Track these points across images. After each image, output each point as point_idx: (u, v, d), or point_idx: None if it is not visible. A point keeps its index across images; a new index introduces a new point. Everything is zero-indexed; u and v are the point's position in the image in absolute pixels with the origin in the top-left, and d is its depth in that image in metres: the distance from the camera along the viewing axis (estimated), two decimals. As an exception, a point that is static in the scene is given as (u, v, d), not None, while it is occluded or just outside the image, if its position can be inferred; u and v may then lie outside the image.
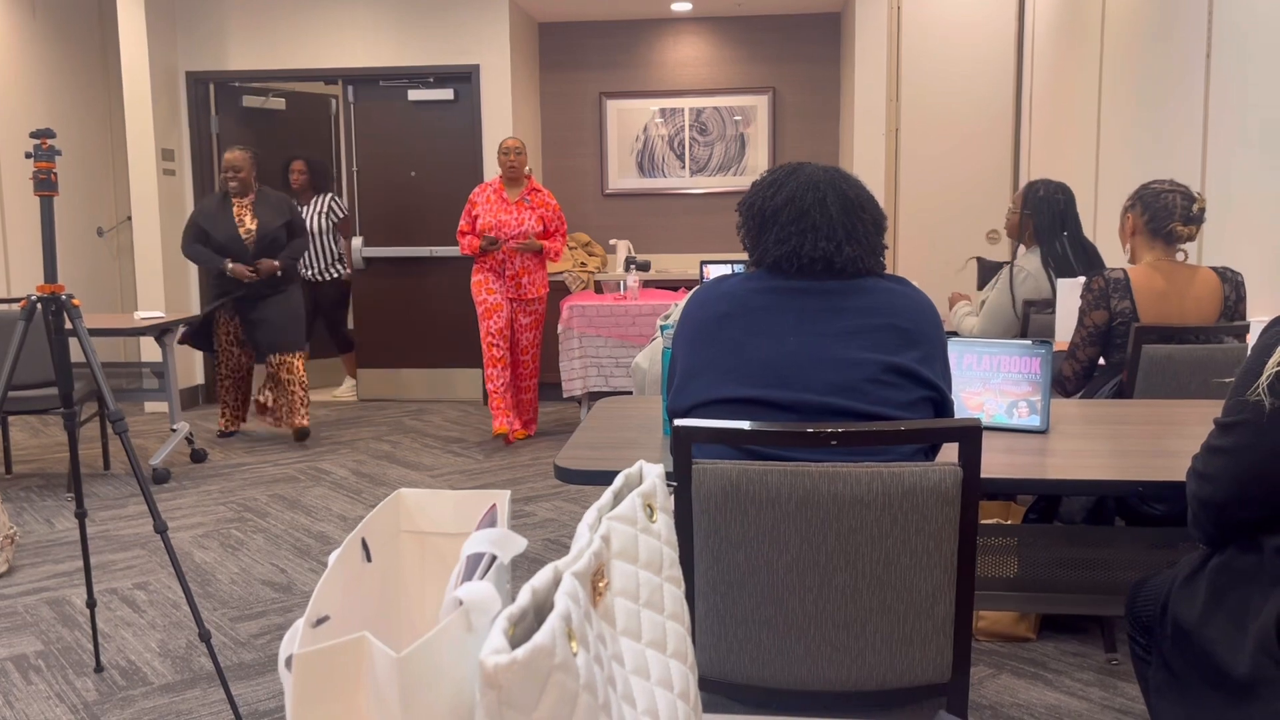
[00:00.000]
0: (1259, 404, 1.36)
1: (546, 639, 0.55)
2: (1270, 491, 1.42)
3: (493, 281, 5.34)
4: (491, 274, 5.34)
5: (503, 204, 5.27)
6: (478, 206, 5.30)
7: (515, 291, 5.34)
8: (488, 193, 5.32)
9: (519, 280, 5.33)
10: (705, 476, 1.45)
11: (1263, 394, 1.35)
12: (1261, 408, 1.36)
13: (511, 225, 5.23)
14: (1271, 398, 1.35)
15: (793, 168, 1.66)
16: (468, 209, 5.33)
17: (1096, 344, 2.80)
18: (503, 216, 5.24)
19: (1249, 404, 1.39)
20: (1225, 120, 3.43)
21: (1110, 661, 2.71)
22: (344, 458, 5.16)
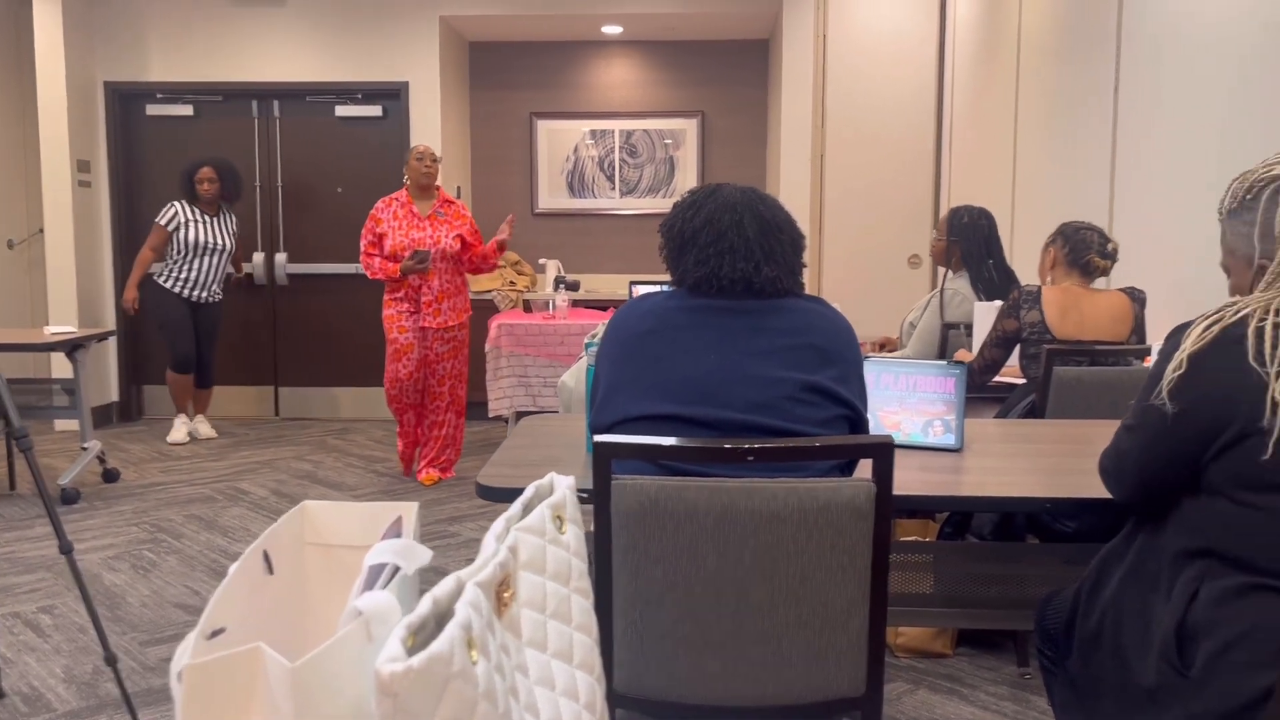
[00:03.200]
0: (1161, 408, 1.42)
1: (444, 647, 0.55)
2: (1172, 492, 1.48)
3: (406, 316, 4.73)
4: (406, 304, 4.73)
5: (414, 220, 4.69)
6: (383, 224, 4.69)
7: (434, 319, 4.73)
8: (394, 208, 4.72)
9: (439, 305, 4.73)
10: (624, 492, 1.46)
11: (1164, 398, 1.41)
12: (1163, 411, 1.41)
13: (428, 244, 4.66)
14: (1171, 402, 1.40)
15: (711, 189, 1.69)
16: (370, 225, 4.71)
17: (1001, 348, 2.99)
18: (415, 234, 4.65)
19: (1151, 408, 1.44)
20: (1131, 152, 3.56)
21: (1023, 675, 2.77)
22: (264, 477, 5.05)
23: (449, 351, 4.83)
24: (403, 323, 4.74)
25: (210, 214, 5.77)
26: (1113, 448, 1.57)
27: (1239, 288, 1.52)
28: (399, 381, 4.79)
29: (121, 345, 6.50)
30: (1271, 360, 1.32)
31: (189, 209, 5.71)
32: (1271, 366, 1.31)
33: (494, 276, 6.59)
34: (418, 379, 4.84)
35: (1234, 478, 1.36)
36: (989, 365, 3.07)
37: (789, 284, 1.67)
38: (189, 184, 5.71)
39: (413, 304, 4.76)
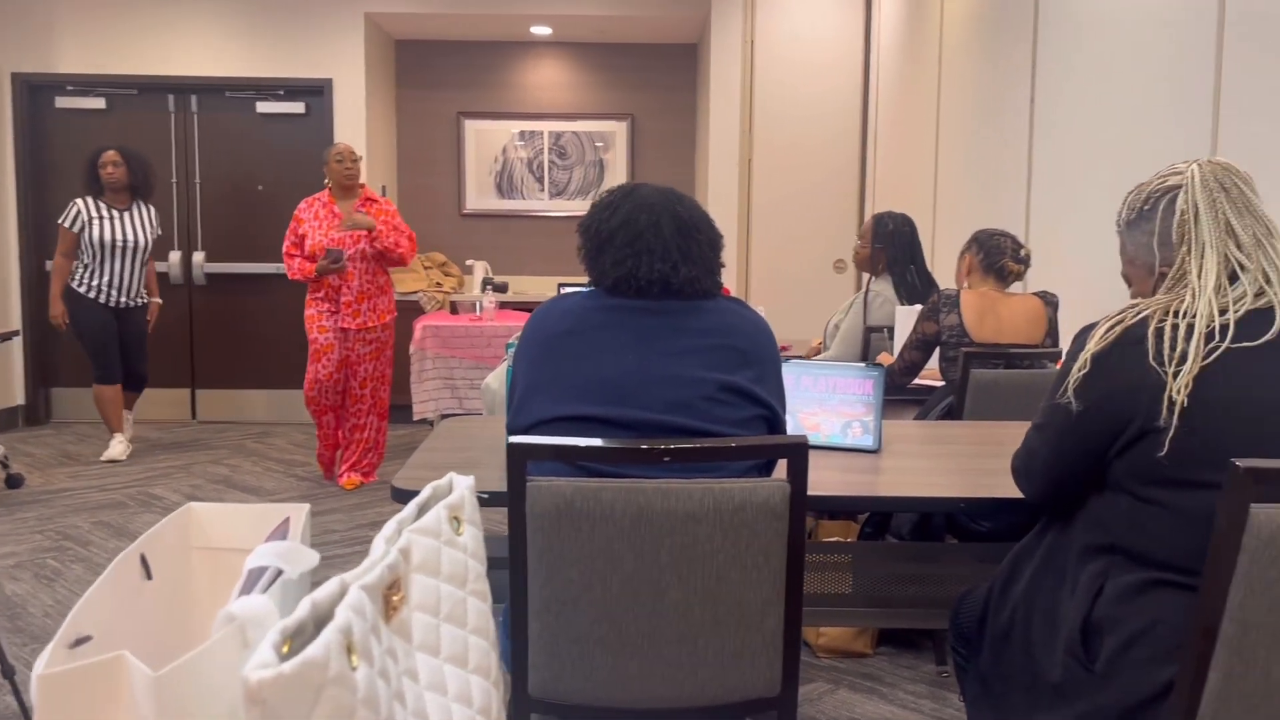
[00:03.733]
0: (1067, 406, 1.45)
1: (319, 652, 0.53)
2: (1079, 488, 1.51)
3: (326, 316, 4.64)
4: (327, 304, 4.65)
5: (334, 219, 4.59)
6: (305, 224, 4.61)
7: (353, 319, 4.63)
8: (316, 207, 4.64)
9: (358, 306, 4.63)
10: (539, 494, 1.44)
11: (1069, 396, 1.44)
12: (1069, 410, 1.44)
13: (347, 244, 4.57)
14: (1076, 401, 1.43)
15: (628, 189, 1.68)
16: (293, 226, 4.64)
17: (920, 350, 3.05)
18: (335, 234, 4.56)
19: (1057, 407, 1.47)
20: (1046, 159, 3.65)
21: (940, 673, 2.81)
22: (178, 482, 4.91)
23: (370, 353, 4.74)
24: (322, 323, 4.67)
25: (120, 207, 5.22)
26: (1023, 447, 1.60)
27: (1141, 295, 1.56)
28: (318, 383, 4.71)
29: (28, 346, 6.27)
30: (1170, 360, 1.35)
31: (93, 205, 5.15)
32: (1169, 366, 1.35)
33: (420, 277, 6.50)
34: (338, 380, 4.74)
35: (1136, 474, 1.39)
36: (909, 367, 3.11)
37: (707, 284, 1.67)
38: (92, 174, 5.18)
39: (332, 304, 4.67)
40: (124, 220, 5.23)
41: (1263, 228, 1.43)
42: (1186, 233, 1.44)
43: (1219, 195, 1.43)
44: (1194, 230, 1.43)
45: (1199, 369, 1.34)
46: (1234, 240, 1.42)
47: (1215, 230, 1.42)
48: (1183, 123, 2.70)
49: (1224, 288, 1.40)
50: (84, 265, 5.19)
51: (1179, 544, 1.36)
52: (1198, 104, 2.62)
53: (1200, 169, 1.45)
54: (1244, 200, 1.43)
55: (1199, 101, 2.61)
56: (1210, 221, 1.42)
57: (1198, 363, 1.34)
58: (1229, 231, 1.42)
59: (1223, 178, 1.44)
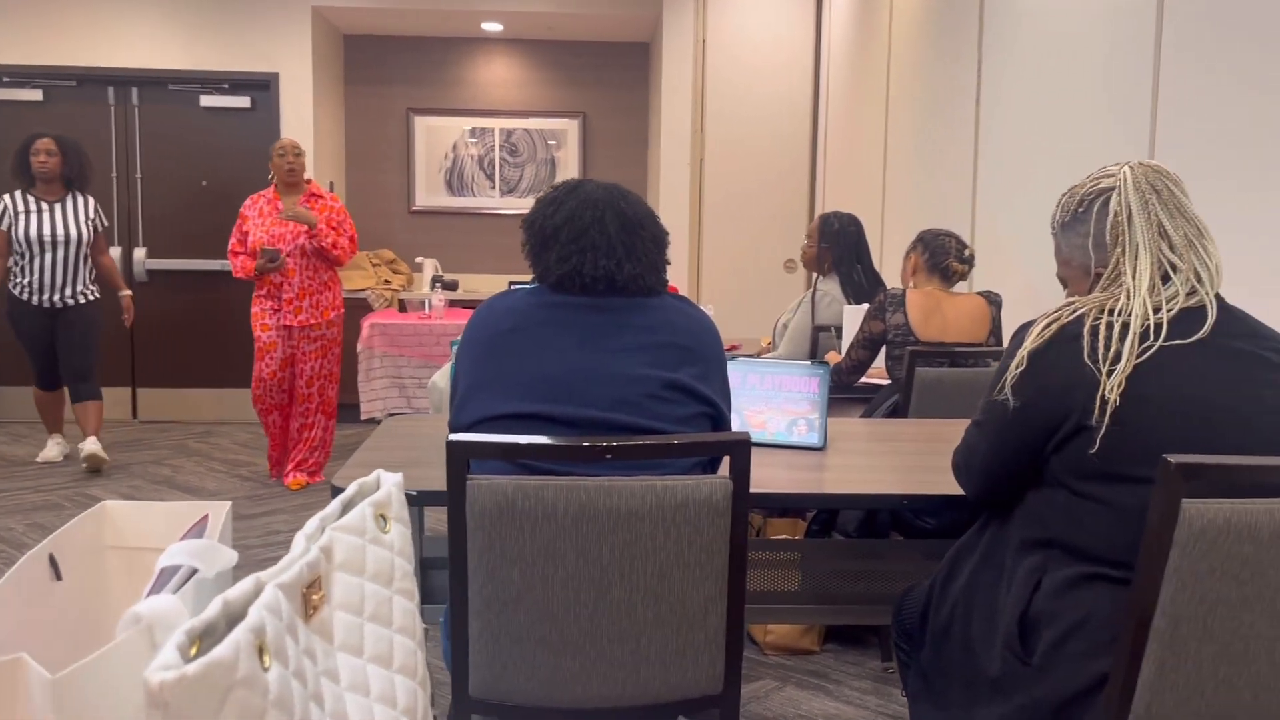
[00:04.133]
0: (1005, 403, 1.46)
1: (228, 653, 0.51)
2: (1017, 484, 1.53)
3: (269, 314, 4.59)
4: (269, 301, 4.59)
5: (276, 215, 4.54)
6: (249, 221, 4.58)
7: (295, 317, 4.57)
8: (260, 204, 4.60)
9: (300, 303, 4.56)
10: (480, 492, 1.42)
11: (1007, 393, 1.46)
12: (1006, 406, 1.46)
13: (288, 239, 4.50)
14: (1013, 397, 1.45)
15: (572, 185, 1.67)
16: (238, 224, 4.62)
17: (867, 349, 3.08)
18: (276, 230, 4.51)
19: (996, 403, 1.49)
20: (991, 160, 3.70)
21: (885, 669, 2.84)
22: (118, 483, 4.80)
23: (316, 351, 4.67)
24: (265, 320, 4.61)
25: (51, 199, 4.88)
26: (963, 444, 1.62)
27: (1077, 295, 1.58)
28: (262, 381, 4.65)
29: (-38, 344, 6.10)
30: (1104, 358, 1.37)
31: (21, 199, 4.84)
32: (1104, 364, 1.37)
33: (368, 275, 6.43)
34: (283, 379, 4.68)
35: (1072, 469, 1.41)
36: (856, 366, 3.14)
37: (652, 281, 1.67)
38: (23, 164, 4.85)
39: (275, 301, 4.61)
40: (54, 214, 4.90)
41: (1193, 228, 1.46)
42: (1120, 234, 1.46)
43: (1151, 197, 1.46)
44: (1127, 232, 1.46)
45: (1133, 367, 1.36)
46: (1166, 241, 1.44)
47: (1148, 231, 1.45)
48: (1122, 124, 2.75)
49: (1157, 287, 1.42)
50: (15, 264, 4.90)
51: (1114, 538, 1.38)
52: (1136, 106, 2.67)
53: (1132, 171, 1.48)
54: (1175, 202, 1.46)
55: (1138, 103, 2.66)
56: (1143, 223, 1.45)
57: (1131, 361, 1.36)
58: (1161, 233, 1.45)
59: (1154, 180, 1.47)
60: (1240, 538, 1.26)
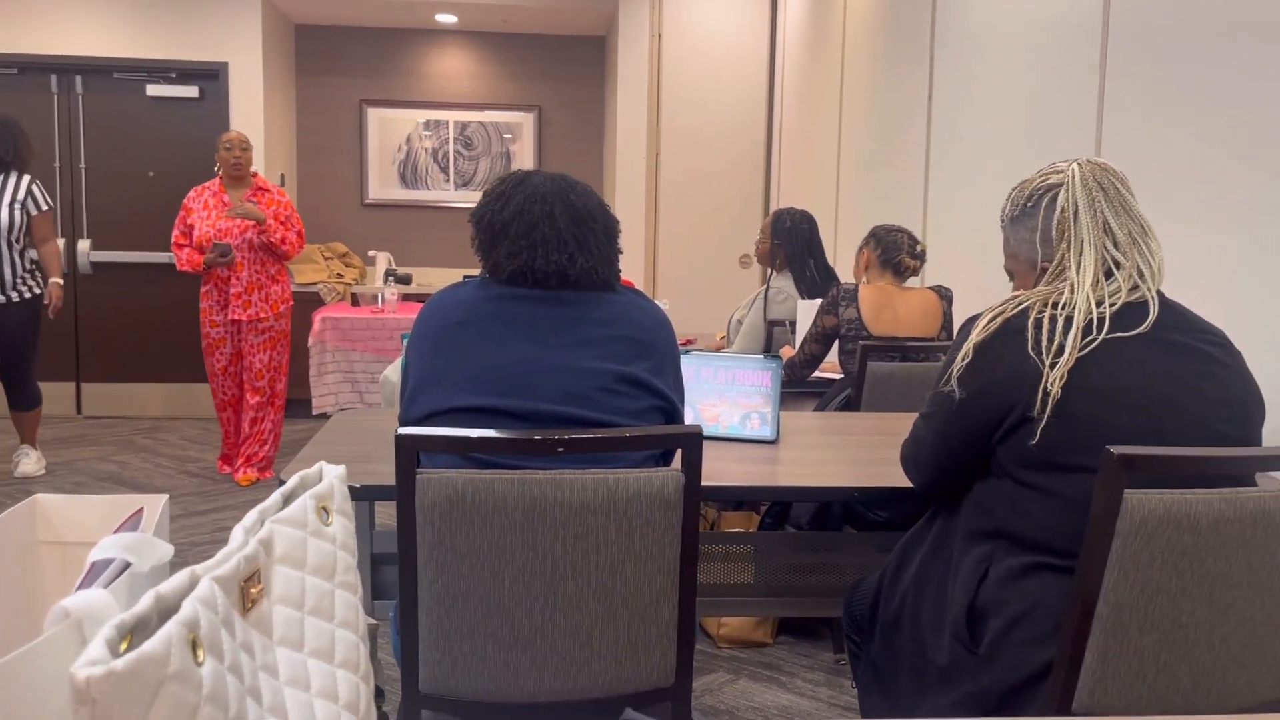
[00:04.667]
0: (951, 394, 1.48)
1: (158, 647, 0.50)
2: (965, 475, 1.54)
3: (216, 310, 4.55)
4: (217, 295, 4.54)
5: (223, 208, 4.48)
6: (193, 214, 4.51)
7: (243, 311, 4.53)
8: (205, 196, 4.54)
9: (248, 297, 4.53)
10: (430, 486, 1.41)
11: (953, 385, 1.47)
12: (953, 398, 1.48)
13: (235, 233, 4.46)
14: (959, 389, 1.46)
15: (520, 178, 1.65)
16: (182, 215, 4.54)
17: (820, 343, 3.11)
18: (224, 224, 4.44)
19: (942, 395, 1.51)
20: (942, 156, 3.74)
21: (838, 661, 2.86)
22: (62, 480, 4.70)
23: (264, 343, 4.62)
24: (213, 317, 4.58)
25: None
26: (911, 436, 1.63)
27: (1024, 289, 1.60)
28: (214, 376, 4.65)
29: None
30: (1048, 350, 1.39)
31: None
32: (1047, 356, 1.39)
33: (320, 268, 6.35)
34: (233, 373, 4.66)
35: (1017, 459, 1.43)
36: (809, 360, 3.16)
37: (605, 274, 1.66)
38: None
39: (222, 295, 4.56)
40: None
41: (1137, 226, 1.48)
42: (1066, 229, 1.49)
43: (1097, 194, 1.48)
44: (1073, 227, 1.48)
45: (1076, 359, 1.38)
46: (1111, 238, 1.47)
47: (1093, 228, 1.47)
48: (1069, 123, 2.79)
49: (1100, 282, 1.45)
50: None
51: (1058, 528, 1.40)
52: (1083, 105, 2.71)
53: (1080, 168, 1.50)
54: (1120, 199, 1.49)
55: (1084, 102, 2.70)
56: (1089, 219, 1.47)
57: (1074, 353, 1.38)
58: (1106, 230, 1.47)
59: (1101, 177, 1.49)
60: (1180, 528, 1.29)
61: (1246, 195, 2.07)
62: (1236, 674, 1.36)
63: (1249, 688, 1.38)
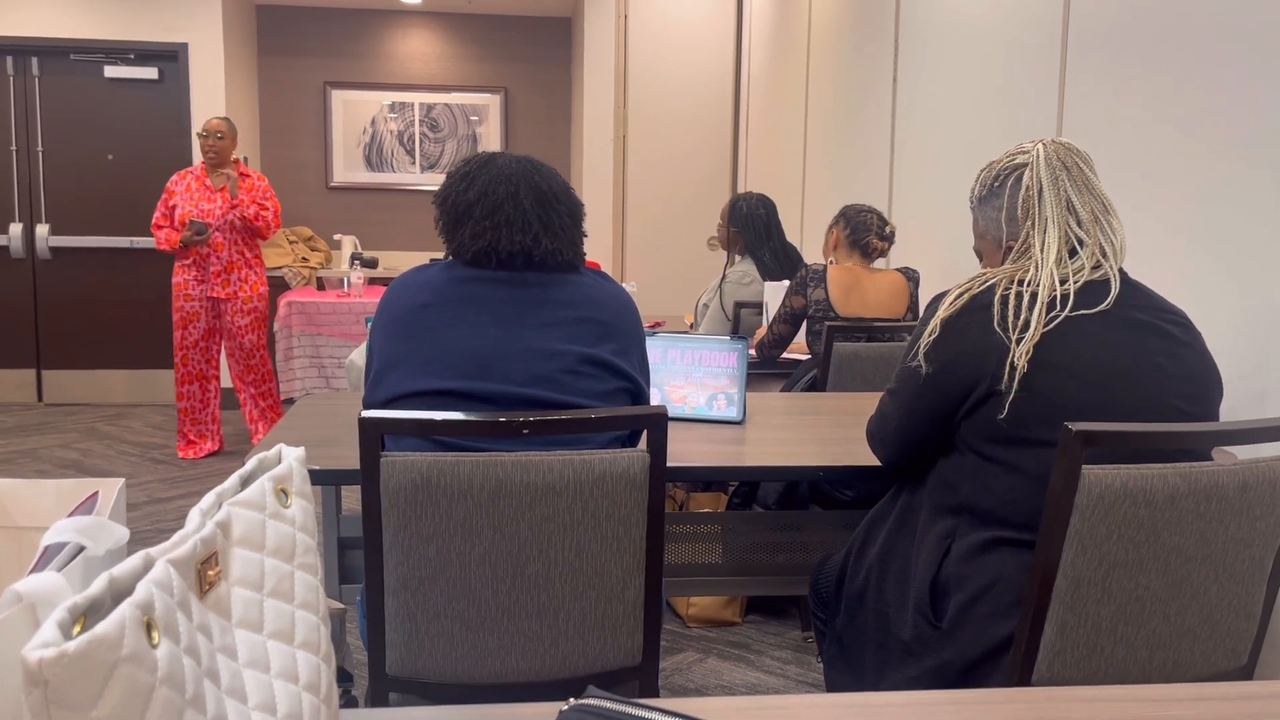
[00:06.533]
0: (918, 369, 1.49)
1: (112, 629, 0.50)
2: (930, 450, 1.56)
3: (193, 285, 4.71)
4: (195, 271, 4.71)
5: (204, 191, 4.68)
6: (176, 196, 4.70)
7: (223, 289, 4.71)
8: (188, 180, 4.73)
9: (228, 276, 4.71)
10: (394, 469, 1.41)
11: (920, 361, 1.49)
12: (919, 373, 1.49)
13: (215, 214, 4.64)
14: (926, 364, 1.48)
15: (485, 159, 1.65)
16: (164, 199, 4.73)
17: (789, 323, 3.13)
18: (205, 205, 4.65)
19: (908, 370, 1.52)
20: (907, 139, 3.76)
21: (805, 639, 2.89)
22: (21, 468, 4.64)
23: (250, 324, 4.81)
24: (189, 291, 4.73)
25: None
26: (877, 413, 1.65)
27: (991, 268, 1.62)
28: (183, 348, 4.76)
29: None
30: (1013, 326, 1.41)
31: None
32: (1013, 332, 1.40)
33: (285, 252, 6.29)
34: (203, 348, 4.79)
35: (981, 434, 1.44)
36: (777, 340, 3.18)
37: (569, 256, 1.65)
38: None
39: (200, 271, 4.73)
40: None
41: (1100, 204, 1.50)
42: (1030, 208, 1.50)
43: (1061, 174, 1.50)
44: (1037, 206, 1.50)
45: (1040, 335, 1.40)
46: (1074, 217, 1.49)
47: (1057, 206, 1.49)
48: (1032, 104, 2.82)
49: (1064, 260, 1.47)
50: None
51: (1020, 503, 1.42)
52: (1045, 88, 2.73)
53: (1045, 148, 1.52)
54: (1084, 178, 1.51)
55: (1046, 86, 2.72)
56: (1053, 198, 1.49)
57: (1039, 329, 1.40)
58: (1069, 208, 1.49)
59: (1065, 157, 1.51)
60: (1136, 502, 1.31)
61: (1206, 176, 2.10)
62: (1191, 644, 1.39)
63: (1204, 658, 1.40)
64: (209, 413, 4.91)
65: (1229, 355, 1.92)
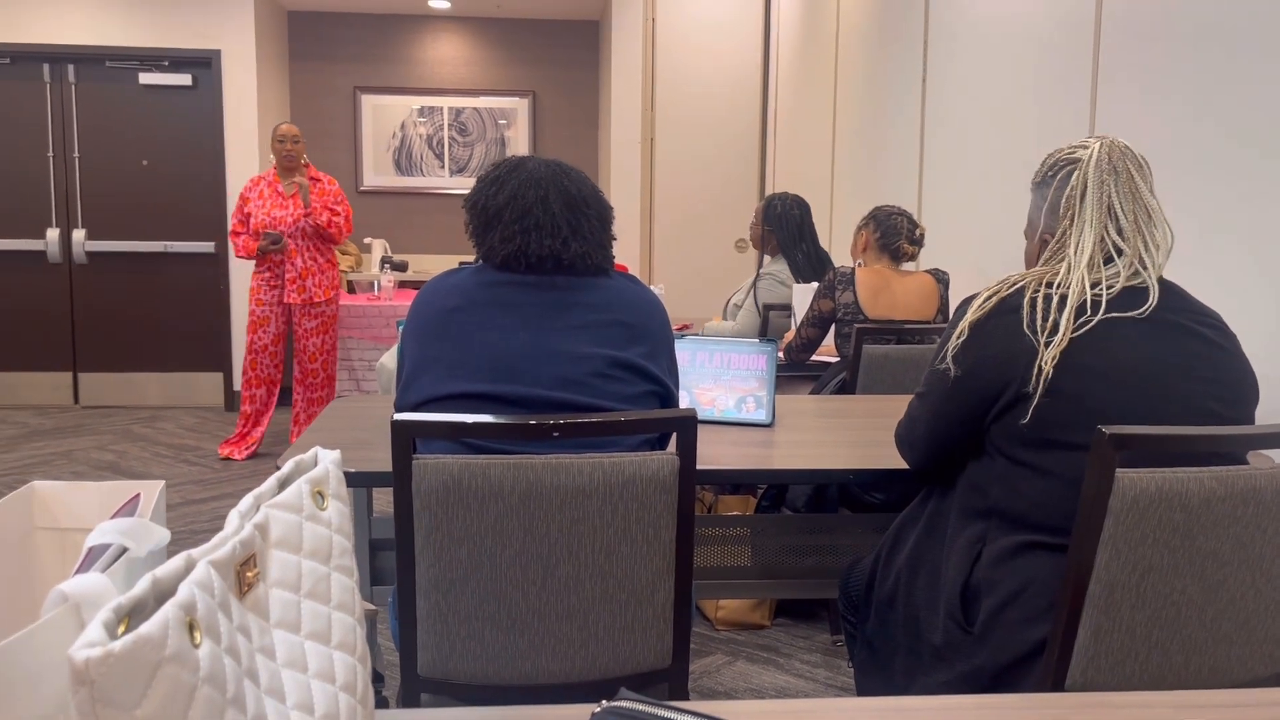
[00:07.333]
0: (946, 372, 1.48)
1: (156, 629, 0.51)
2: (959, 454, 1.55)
3: (266, 290, 4.80)
4: (270, 276, 4.80)
5: (276, 197, 4.75)
6: (250, 203, 4.77)
7: (297, 295, 4.78)
8: (261, 186, 4.79)
9: (303, 282, 4.78)
10: (426, 472, 1.42)
11: (948, 363, 1.48)
12: (948, 376, 1.48)
13: (287, 221, 4.72)
14: (955, 367, 1.47)
15: (515, 163, 1.65)
16: (239, 206, 4.81)
17: (817, 326, 3.11)
18: (276, 212, 4.72)
19: (937, 373, 1.51)
20: (937, 140, 3.74)
21: (835, 643, 2.88)
22: (58, 469, 4.71)
23: (317, 328, 4.88)
24: (261, 295, 4.81)
25: None
26: (906, 416, 1.64)
27: (1030, 255, 1.61)
28: (253, 352, 4.84)
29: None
30: (1042, 329, 1.40)
31: None
32: (1041, 335, 1.39)
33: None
34: (274, 353, 4.86)
35: (1011, 437, 1.43)
36: (806, 344, 3.17)
37: (598, 259, 1.66)
38: None
39: (276, 278, 4.82)
40: None
41: (1145, 213, 1.46)
42: (1071, 207, 1.48)
43: (1109, 178, 1.46)
44: (1078, 207, 1.47)
45: (1070, 338, 1.39)
46: (1114, 223, 1.46)
47: (1097, 210, 1.46)
48: (1064, 103, 2.79)
49: (1097, 265, 1.44)
50: None
51: (1051, 506, 1.41)
52: (1077, 87, 2.71)
53: (1099, 149, 1.48)
54: (1131, 185, 1.46)
55: (1078, 85, 2.70)
56: (1095, 201, 1.46)
57: (1068, 333, 1.39)
58: (1110, 213, 1.46)
59: (1117, 161, 1.47)
60: (1171, 505, 1.29)
61: (1245, 177, 2.07)
62: (1228, 650, 1.37)
63: (1240, 664, 1.39)
64: (266, 417, 4.97)
65: (1266, 359, 1.90)
